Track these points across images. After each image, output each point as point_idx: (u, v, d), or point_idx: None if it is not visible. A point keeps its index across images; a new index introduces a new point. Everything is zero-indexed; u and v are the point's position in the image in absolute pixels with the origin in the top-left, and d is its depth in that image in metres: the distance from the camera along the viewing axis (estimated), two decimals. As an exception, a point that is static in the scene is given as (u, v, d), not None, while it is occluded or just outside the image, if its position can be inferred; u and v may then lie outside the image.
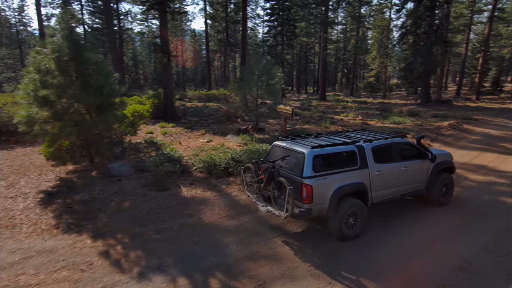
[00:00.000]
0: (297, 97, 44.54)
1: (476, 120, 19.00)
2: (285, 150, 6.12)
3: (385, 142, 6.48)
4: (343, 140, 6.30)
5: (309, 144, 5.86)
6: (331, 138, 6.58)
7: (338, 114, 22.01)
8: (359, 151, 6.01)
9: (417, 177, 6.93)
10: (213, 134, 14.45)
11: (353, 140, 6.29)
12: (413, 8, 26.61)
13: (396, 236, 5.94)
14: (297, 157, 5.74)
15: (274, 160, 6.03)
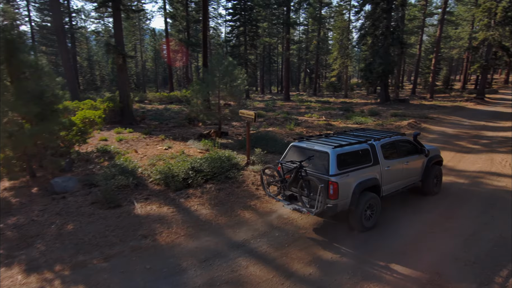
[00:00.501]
0: (261, 97, 44.40)
1: (432, 119, 19.75)
2: (304, 150, 6.46)
3: (390, 140, 7.07)
4: (356, 139, 6.73)
5: (329, 144, 6.27)
6: (342, 138, 7.02)
7: (302, 115, 21.97)
8: (372, 149, 6.53)
9: (415, 171, 7.64)
10: (173, 140, 13.65)
11: (365, 138, 6.78)
12: (371, 10, 27.31)
13: (400, 224, 6.60)
14: (321, 157, 6.07)
15: (301, 160, 6.20)
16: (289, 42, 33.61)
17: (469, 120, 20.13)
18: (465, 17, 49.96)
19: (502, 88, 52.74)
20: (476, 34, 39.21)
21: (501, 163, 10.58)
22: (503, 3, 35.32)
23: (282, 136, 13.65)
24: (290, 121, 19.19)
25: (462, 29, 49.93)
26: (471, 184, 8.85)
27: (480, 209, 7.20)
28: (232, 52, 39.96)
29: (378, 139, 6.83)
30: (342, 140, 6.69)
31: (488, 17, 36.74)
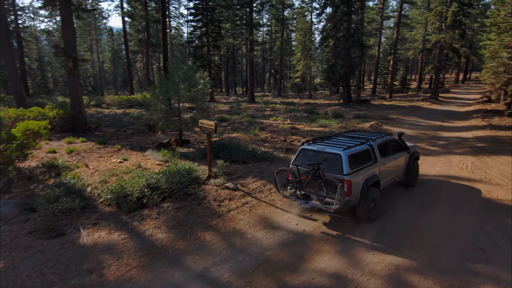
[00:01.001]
0: (226, 99, 43.76)
1: (393, 120, 20.29)
2: (316, 153, 7.00)
3: (383, 140, 7.89)
4: (358, 141, 7.43)
5: (339, 146, 6.91)
6: (343, 140, 7.67)
7: (267, 118, 21.70)
8: (371, 149, 7.31)
9: (402, 166, 8.58)
10: (130, 150, 12.74)
11: (365, 140, 7.53)
12: (332, 13, 27.67)
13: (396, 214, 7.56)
14: (334, 158, 6.64)
15: (319, 163, 6.65)
16: (253, 43, 33.30)
17: (426, 120, 20.92)
18: (419, 20, 52.53)
19: (453, 87, 56.11)
20: (429, 37, 41.27)
21: (459, 165, 10.87)
22: (452, 8, 37.41)
23: (247, 143, 13.20)
24: (255, 125, 18.82)
25: (417, 31, 52.47)
26: (433, 190, 8.94)
27: (446, 214, 7.22)
28: (195, 53, 38.91)
29: (374, 139, 7.64)
30: (344, 142, 7.40)
31: (440, 20, 38.76)
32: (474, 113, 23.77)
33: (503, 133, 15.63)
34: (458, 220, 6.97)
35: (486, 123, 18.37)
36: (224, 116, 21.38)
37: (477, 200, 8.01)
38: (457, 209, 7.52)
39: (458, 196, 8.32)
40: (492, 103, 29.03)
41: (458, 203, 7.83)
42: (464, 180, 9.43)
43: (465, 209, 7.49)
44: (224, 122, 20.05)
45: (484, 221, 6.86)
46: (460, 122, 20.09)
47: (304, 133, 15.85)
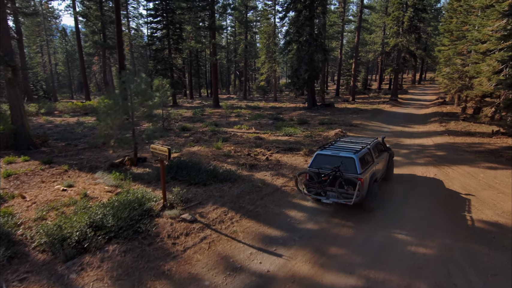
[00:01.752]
0: (190, 103, 42.44)
1: (356, 126, 20.37)
2: (331, 157, 8.23)
3: (374, 143, 9.46)
4: (359, 146, 8.75)
5: (349, 150, 8.30)
6: (346, 145, 9.01)
7: (232, 126, 20.98)
8: (370, 151, 8.80)
9: (385, 164, 9.98)
10: (78, 171, 11.49)
11: (365, 144, 9.05)
12: (295, 17, 27.48)
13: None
14: (347, 161, 7.89)
15: (338, 166, 7.83)
16: (216, 47, 32.37)
17: (388, 125, 21.25)
18: (378, 23, 54.26)
19: (411, 87, 58.59)
20: (388, 40, 42.66)
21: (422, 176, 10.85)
22: (408, 13, 38.80)
23: (208, 159, 12.42)
24: (218, 135, 18.05)
25: (376, 34, 54.14)
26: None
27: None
28: (155, 56, 37.27)
29: (369, 144, 9.13)
30: (349, 147, 8.71)
31: (397, 25, 40.07)
32: (432, 117, 24.61)
33: (460, 140, 16.07)
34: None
35: (444, 128, 18.92)
36: (186, 125, 20.37)
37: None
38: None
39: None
40: (447, 105, 30.36)
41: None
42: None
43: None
44: (186, 132, 19.08)
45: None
46: (420, 127, 20.59)
47: (269, 144, 15.33)
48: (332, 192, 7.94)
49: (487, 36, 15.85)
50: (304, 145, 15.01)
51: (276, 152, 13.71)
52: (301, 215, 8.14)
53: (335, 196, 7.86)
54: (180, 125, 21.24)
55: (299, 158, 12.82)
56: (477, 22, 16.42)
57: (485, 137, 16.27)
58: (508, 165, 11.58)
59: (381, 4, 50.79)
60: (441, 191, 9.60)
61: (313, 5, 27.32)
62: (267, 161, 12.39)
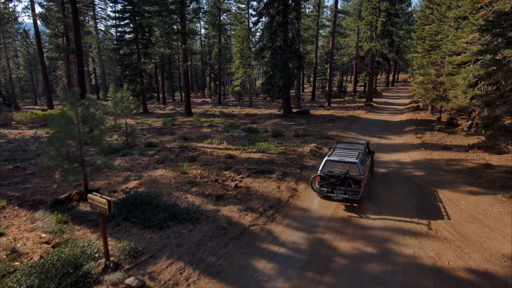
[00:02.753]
0: (162, 109, 40.59)
1: (332, 139, 19.56)
2: (336, 162, 10.05)
3: (365, 148, 11.45)
4: (356, 152, 10.61)
5: (351, 156, 10.21)
6: (345, 151, 10.82)
7: (203, 140, 19.63)
8: (364, 155, 10.59)
9: (370, 163, 11.61)
10: (18, 208, 9.87)
11: (362, 149, 11.08)
12: (268, 23, 26.43)
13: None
14: (352, 165, 9.79)
15: (348, 170, 9.73)
16: (187, 52, 30.79)
17: (364, 136, 20.58)
18: (352, 27, 54.30)
19: (385, 90, 59.14)
20: (362, 44, 42.58)
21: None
22: (381, 18, 38.73)
23: (170, 189, 11.07)
24: (186, 152, 16.72)
25: (350, 38, 54.15)
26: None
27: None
28: (122, 61, 35.20)
29: (361, 149, 10.93)
30: (349, 153, 10.55)
31: (370, 29, 39.98)
32: (407, 125, 24.28)
33: (437, 155, 15.53)
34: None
35: (420, 141, 18.44)
36: (152, 141, 18.85)
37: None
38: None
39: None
40: (421, 111, 30.31)
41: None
42: (419, 236, 8.48)
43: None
44: (151, 149, 17.59)
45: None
46: (396, 138, 20.06)
47: (240, 165, 14.16)
48: (340, 191, 9.80)
49: (462, 48, 15.39)
50: (277, 165, 13.95)
51: (247, 176, 12.55)
52: (270, 268, 7.02)
53: (342, 194, 9.72)
54: (147, 140, 19.69)
55: (271, 184, 11.72)
56: (451, 34, 15.95)
57: (462, 151, 15.84)
58: (488, 189, 10.99)
59: (355, 8, 50.78)
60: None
61: (287, 10, 26.38)
62: (236, 189, 11.20)
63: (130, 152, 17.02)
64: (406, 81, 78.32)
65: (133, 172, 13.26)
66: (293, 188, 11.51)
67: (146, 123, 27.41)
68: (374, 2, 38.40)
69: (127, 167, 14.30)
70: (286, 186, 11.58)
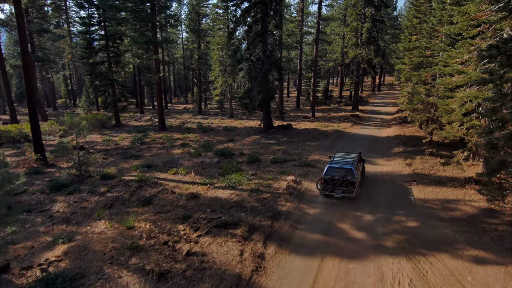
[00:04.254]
0: (138, 119, 37.78)
1: (314, 166, 17.33)
2: (337, 168, 12.86)
3: (359, 156, 14.62)
4: (351, 159, 13.49)
5: (347, 162, 13.08)
6: (343, 159, 13.62)
7: (168, 169, 17.14)
8: (357, 163, 13.46)
9: (362, 169, 14.42)
10: None
11: (356, 156, 14.13)
12: (245, 33, 24.06)
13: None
14: (348, 171, 12.57)
15: (345, 174, 12.52)
16: (159, 63, 28.14)
17: (349, 161, 18.47)
18: (337, 31, 52.38)
19: (371, 96, 57.45)
20: (346, 49, 40.64)
21: (394, 285, 7.84)
22: (367, 24, 36.82)
23: (102, 262, 8.55)
24: (145, 189, 14.25)
25: (336, 43, 52.22)
26: None
27: None
28: (92, 70, 32.29)
29: (355, 158, 13.74)
30: (345, 161, 13.34)
31: (356, 36, 38.05)
32: (395, 143, 22.30)
33: (431, 193, 13.43)
34: None
35: (410, 170, 16.39)
36: (109, 172, 16.26)
37: None
38: None
39: None
40: (409, 125, 28.44)
41: None
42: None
43: None
44: (105, 183, 15.04)
45: None
46: (384, 164, 17.98)
47: (202, 211, 11.80)
48: (339, 190, 12.45)
49: (457, 70, 13.35)
50: (246, 211, 11.65)
51: (206, 233, 10.18)
52: None
53: (341, 193, 12.42)
54: (105, 168, 17.09)
55: (233, 248, 9.36)
56: (444, 53, 13.88)
57: (458, 187, 13.79)
58: (497, 253, 8.91)
59: (340, 12, 48.81)
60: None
61: (266, 19, 24.05)
62: (187, 258, 8.81)
63: (79, 189, 14.43)
64: (392, 85, 77.11)
65: (68, 227, 10.73)
66: (259, 254, 9.18)
67: (113, 141, 24.72)
68: (359, 8, 36.47)
69: (66, 216, 11.71)
70: (251, 251, 9.25)
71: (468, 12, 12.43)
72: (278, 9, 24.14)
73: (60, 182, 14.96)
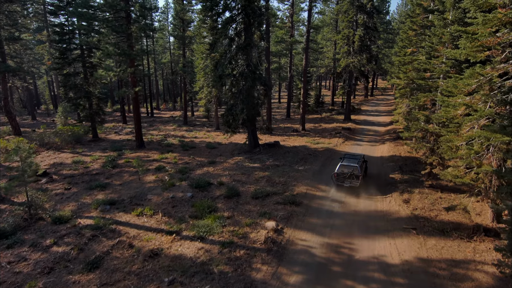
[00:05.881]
0: (119, 132, 35.30)
1: (299, 204, 15.12)
2: (347, 166, 16.53)
3: (362, 158, 17.94)
4: (357, 159, 17.26)
5: (354, 162, 16.73)
6: (351, 159, 17.45)
7: (133, 208, 14.80)
8: (361, 162, 17.22)
9: (364, 167, 18.11)
10: None
11: (358, 158, 17.53)
12: (226, 46, 21.71)
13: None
14: (354, 167, 16.28)
15: (352, 170, 16.22)
16: (135, 76, 25.68)
17: (339, 192, 16.30)
18: (329, 37, 50.23)
19: (364, 103, 55.39)
20: (338, 55, 38.52)
21: None
22: (359, 32, 34.73)
23: None
24: (99, 239, 11.96)
25: (327, 48, 50.07)
26: None
27: None
28: (65, 81, 29.66)
29: (360, 158, 17.50)
30: (353, 159, 17.15)
31: (347, 44, 35.93)
32: (390, 169, 20.24)
33: (434, 250, 11.28)
34: None
35: (408, 210, 14.26)
36: (61, 215, 13.85)
37: None
38: None
39: None
40: (403, 142, 26.40)
41: None
42: None
43: None
44: (55, 231, 12.70)
45: None
46: (379, 199, 15.83)
47: (161, 276, 9.56)
48: (348, 181, 16.33)
49: (464, 105, 11.24)
50: (212, 282, 9.42)
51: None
52: None
53: (349, 183, 16.25)
54: (55, 213, 14.45)
55: None
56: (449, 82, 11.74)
57: (465, 239, 11.69)
58: None
59: (331, 17, 46.64)
60: None
61: (250, 30, 21.75)
62: None
63: (21, 240, 12.08)
64: (385, 89, 75.26)
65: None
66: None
67: (84, 163, 22.26)
68: (351, 15, 34.32)
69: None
70: None
71: (478, 38, 10.30)
72: (262, 20, 21.83)
73: (1, 229, 12.59)
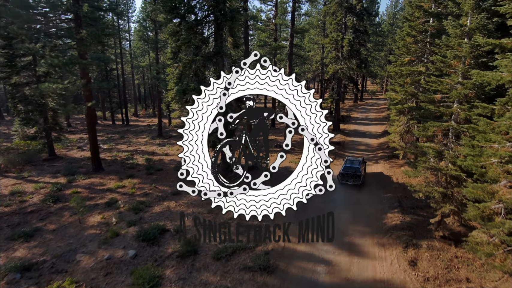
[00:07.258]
0: (83, 146, 30.97)
1: (274, 273, 11.32)
2: (350, 167, 18.56)
3: (362, 161, 19.96)
4: (358, 161, 19.50)
5: (356, 164, 18.93)
6: (353, 161, 19.61)
7: (49, 280, 10.83)
8: (362, 163, 19.57)
9: (364, 168, 19.96)
10: None
11: (360, 161, 19.76)
12: (191, 56, 17.77)
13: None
14: (357, 168, 18.39)
15: (355, 170, 18.23)
16: (91, 89, 21.56)
17: (327, 266, 12.57)
18: (316, 40, 46.66)
19: (353, 108, 51.99)
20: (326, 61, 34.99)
21: None
22: (348, 36, 31.17)
23: None
24: None
25: (314, 52, 46.53)
26: None
27: None
28: (14, 92, 25.36)
29: (361, 160, 19.72)
30: (355, 162, 19.26)
31: (336, 48, 32.35)
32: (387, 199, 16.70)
33: None
34: None
35: (415, 276, 10.65)
36: None
37: None
38: None
39: None
40: (399, 162, 22.93)
41: None
42: None
43: None
44: None
45: None
46: (375, 256, 12.16)
47: None
48: (351, 179, 18.06)
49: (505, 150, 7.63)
50: None
51: None
52: None
53: (352, 182, 17.98)
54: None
55: None
56: (480, 122, 8.09)
57: None
58: None
59: (319, 19, 43.03)
60: None
61: (220, 36, 17.90)
62: None
63: None
64: (374, 93, 72.07)
65: None
66: None
67: (22, 195, 18.11)
68: (339, 17, 30.70)
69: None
70: None
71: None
72: (235, 24, 17.98)
73: None
